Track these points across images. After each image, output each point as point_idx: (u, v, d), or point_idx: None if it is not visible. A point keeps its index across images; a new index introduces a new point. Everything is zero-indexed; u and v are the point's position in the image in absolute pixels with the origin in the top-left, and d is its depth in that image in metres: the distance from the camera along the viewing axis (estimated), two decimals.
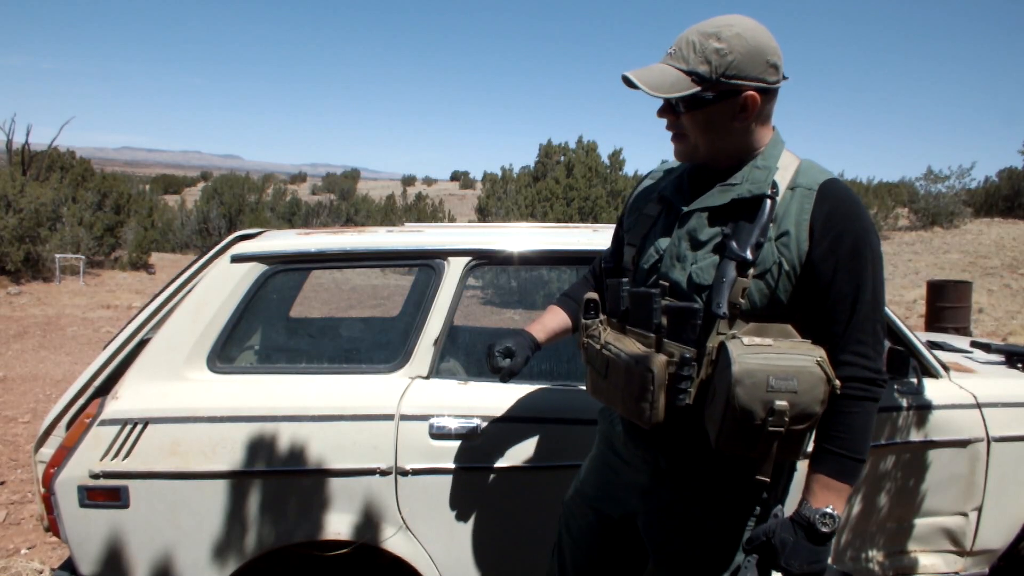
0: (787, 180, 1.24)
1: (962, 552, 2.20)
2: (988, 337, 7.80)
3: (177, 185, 57.07)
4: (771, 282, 1.20)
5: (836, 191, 1.22)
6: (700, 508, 1.32)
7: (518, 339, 1.54)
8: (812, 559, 1.18)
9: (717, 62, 1.19)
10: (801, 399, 1.11)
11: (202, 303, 1.88)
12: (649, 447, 1.36)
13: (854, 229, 1.19)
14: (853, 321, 1.20)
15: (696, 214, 1.28)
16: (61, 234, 14.08)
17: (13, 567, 2.83)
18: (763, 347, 1.14)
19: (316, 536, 1.78)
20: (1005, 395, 2.19)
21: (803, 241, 1.19)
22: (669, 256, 1.29)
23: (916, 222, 19.35)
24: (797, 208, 1.21)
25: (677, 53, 1.22)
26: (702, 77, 1.19)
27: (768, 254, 1.20)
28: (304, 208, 26.36)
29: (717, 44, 1.19)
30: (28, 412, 5.06)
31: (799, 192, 1.22)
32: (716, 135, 1.25)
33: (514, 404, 1.87)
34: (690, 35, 1.22)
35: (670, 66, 1.22)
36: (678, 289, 1.26)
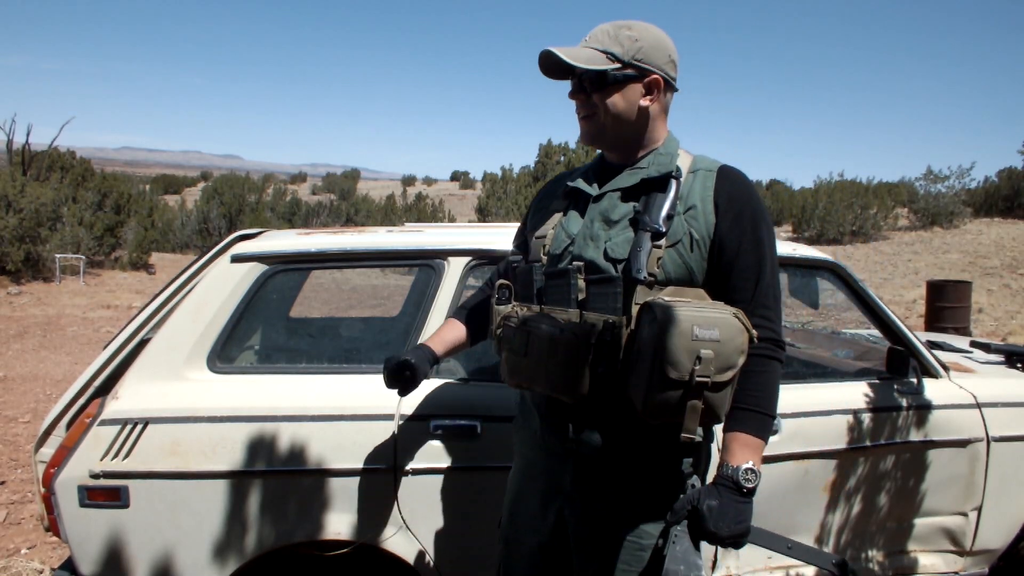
0: (687, 166, 1.36)
1: (962, 552, 2.20)
2: (988, 337, 7.80)
3: (177, 185, 57.08)
4: (683, 252, 1.28)
5: (734, 173, 1.35)
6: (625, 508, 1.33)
7: (417, 353, 1.55)
8: (739, 519, 1.23)
9: (629, 45, 1.31)
10: (724, 348, 1.16)
11: (202, 303, 1.88)
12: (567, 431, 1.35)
13: (753, 207, 1.32)
14: (758, 290, 1.30)
15: (608, 195, 1.37)
16: (61, 234, 14.08)
17: (13, 567, 2.83)
18: (685, 301, 1.21)
19: (316, 536, 1.79)
20: (1005, 395, 2.20)
21: (709, 214, 1.30)
22: (582, 237, 1.35)
23: (916, 222, 19.35)
24: (700, 186, 1.32)
25: (592, 38, 1.33)
26: (616, 56, 1.31)
27: (678, 226, 1.29)
28: (304, 208, 26.37)
29: (629, 32, 1.32)
30: (28, 412, 5.06)
31: (700, 173, 1.34)
32: (624, 115, 1.34)
33: (514, 404, 1.87)
34: (604, 26, 1.35)
35: (587, 47, 1.32)
36: (593, 266, 1.31)
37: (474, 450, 1.82)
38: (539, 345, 1.30)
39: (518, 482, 1.52)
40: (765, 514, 1.98)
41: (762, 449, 1.27)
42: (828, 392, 2.07)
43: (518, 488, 1.51)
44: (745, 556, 2.03)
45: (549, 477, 1.42)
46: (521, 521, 1.48)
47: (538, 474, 1.45)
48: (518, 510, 1.49)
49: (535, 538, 1.45)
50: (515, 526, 1.50)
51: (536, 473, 1.46)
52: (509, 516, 1.52)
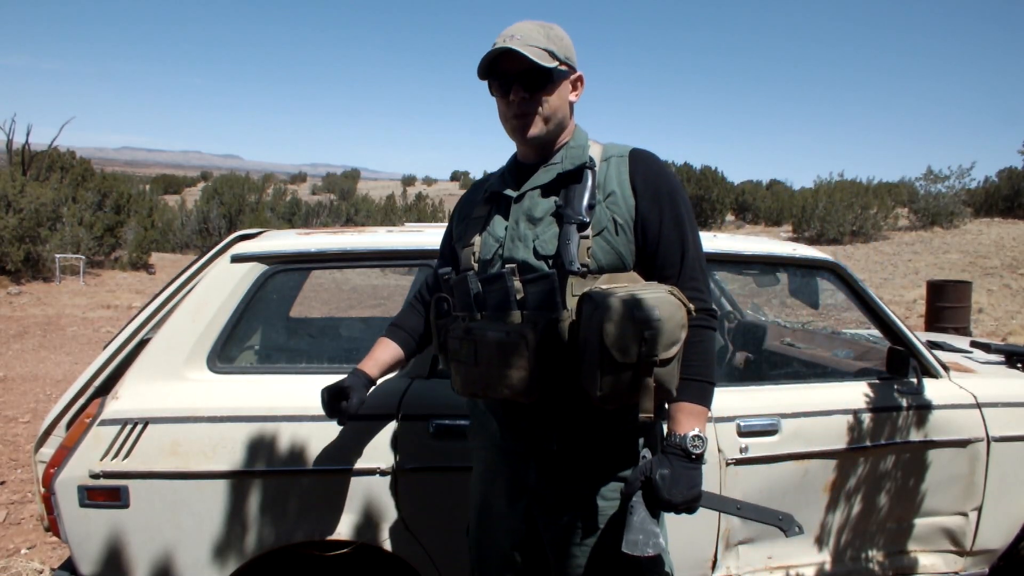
0: (599, 155, 1.40)
1: (962, 552, 2.20)
2: (988, 337, 7.80)
3: (177, 185, 57.09)
4: (610, 238, 1.31)
5: (645, 155, 1.40)
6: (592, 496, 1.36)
7: (352, 379, 1.55)
8: (691, 484, 1.25)
9: (559, 44, 1.37)
10: (666, 325, 1.18)
11: (202, 303, 1.88)
12: (532, 433, 1.37)
13: (669, 184, 1.37)
14: (685, 264, 1.34)
15: (528, 195, 1.39)
16: (61, 234, 14.08)
17: (13, 567, 2.83)
18: (620, 287, 1.24)
19: (316, 536, 1.78)
20: (1005, 395, 2.20)
21: (628, 197, 1.34)
22: (509, 239, 1.37)
23: (916, 222, 19.35)
24: (616, 172, 1.36)
25: (526, 37, 1.34)
26: (555, 55, 1.35)
27: (601, 214, 1.32)
28: (304, 208, 26.37)
29: (554, 31, 1.38)
30: (28, 412, 5.06)
31: (613, 160, 1.38)
32: (559, 112, 1.38)
33: None
34: (529, 25, 1.37)
35: (530, 45, 1.32)
36: (525, 266, 1.33)
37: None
38: (488, 352, 1.30)
39: (481, 487, 1.52)
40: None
41: (706, 416, 1.31)
42: (828, 392, 2.07)
43: (482, 493, 1.52)
44: (745, 556, 2.03)
45: (512, 478, 1.43)
46: (490, 525, 1.49)
47: (500, 477, 1.46)
48: (485, 515, 1.51)
49: (508, 539, 1.46)
50: (484, 530, 1.51)
51: (498, 476, 1.47)
52: (477, 522, 1.53)
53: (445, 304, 1.43)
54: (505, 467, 1.45)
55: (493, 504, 1.48)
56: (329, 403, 1.53)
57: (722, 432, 1.91)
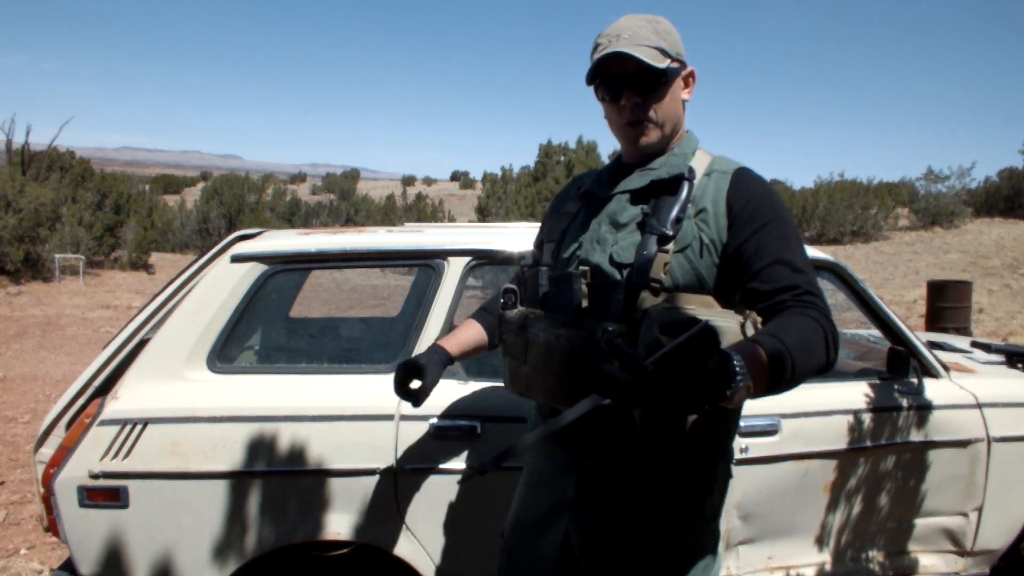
0: (704, 168, 1.29)
1: (962, 552, 2.20)
2: (988, 337, 7.80)
3: (177, 185, 57.09)
4: (692, 257, 1.21)
5: (749, 176, 1.27)
6: (629, 522, 1.26)
7: (428, 355, 1.46)
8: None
9: (669, 39, 1.26)
10: None
11: (202, 303, 1.88)
12: (570, 444, 1.30)
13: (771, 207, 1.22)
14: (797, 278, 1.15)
15: (616, 198, 1.31)
16: (61, 234, 14.08)
17: (13, 567, 2.83)
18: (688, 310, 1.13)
19: (316, 536, 1.78)
20: (1005, 395, 2.20)
21: (721, 217, 1.22)
22: (589, 241, 1.30)
23: (916, 222, 19.35)
24: (714, 188, 1.25)
25: (632, 37, 1.23)
26: (666, 52, 1.25)
27: (688, 230, 1.22)
28: (304, 208, 26.37)
29: (662, 26, 1.27)
30: (28, 412, 5.06)
31: (715, 176, 1.27)
32: (675, 113, 1.30)
33: (514, 404, 1.87)
34: (636, 21, 1.26)
35: (641, 45, 1.23)
36: (598, 271, 1.26)
37: (474, 450, 1.82)
38: (536, 352, 1.25)
39: (523, 492, 1.45)
40: (765, 514, 1.98)
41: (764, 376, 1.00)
42: (828, 392, 2.07)
43: (523, 497, 1.45)
44: (745, 556, 2.03)
45: (553, 488, 1.36)
46: (525, 531, 1.41)
47: (543, 484, 1.39)
48: (522, 520, 1.43)
49: (541, 549, 1.37)
50: (518, 536, 1.43)
51: (541, 483, 1.40)
52: (512, 526, 1.45)
53: (512, 296, 1.36)
54: (548, 476, 1.38)
55: (531, 511, 1.41)
56: (400, 383, 1.43)
57: None
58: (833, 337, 1.10)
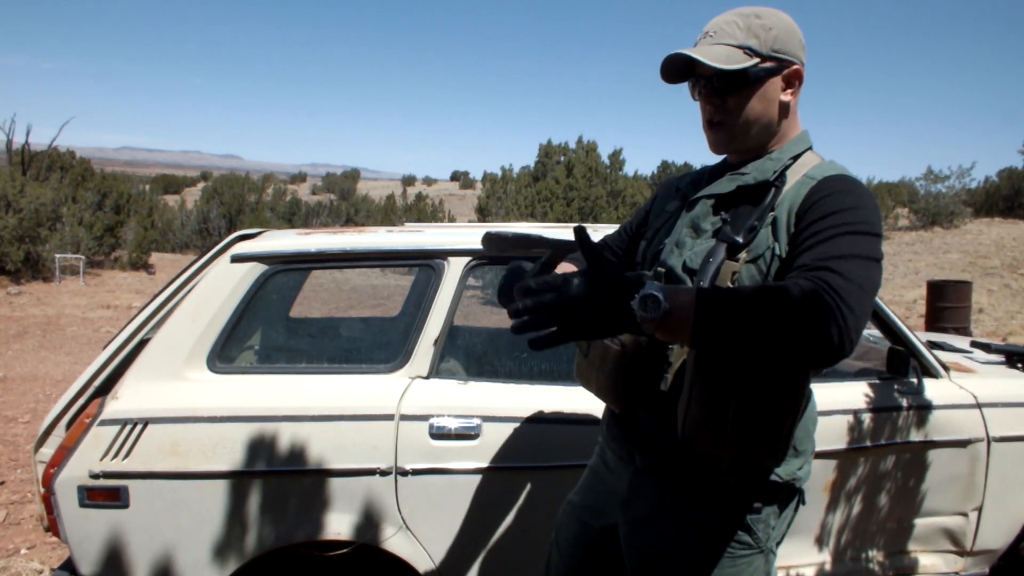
0: (802, 172, 1.19)
1: (962, 552, 2.20)
2: (988, 337, 7.80)
3: (177, 185, 57.07)
4: (763, 267, 1.14)
5: (831, 181, 1.13)
6: (676, 523, 1.24)
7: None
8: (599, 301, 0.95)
9: (764, 36, 1.17)
10: None
11: (202, 303, 1.88)
12: (625, 442, 1.33)
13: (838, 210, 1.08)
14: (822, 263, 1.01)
15: (702, 202, 1.25)
16: (61, 234, 14.07)
17: (13, 567, 2.83)
18: None
19: (316, 536, 1.78)
20: (1005, 395, 2.20)
21: (791, 225, 1.13)
22: (671, 243, 1.26)
23: (916, 222, 19.35)
24: (794, 193, 1.16)
25: (719, 33, 1.18)
26: (754, 51, 1.17)
27: (763, 240, 1.14)
28: (304, 208, 26.37)
29: (760, 20, 1.18)
30: (28, 412, 5.06)
31: (804, 180, 1.17)
32: (762, 116, 1.20)
33: (514, 404, 1.87)
34: (728, 17, 1.20)
35: (718, 44, 1.17)
36: (672, 274, 1.22)
37: (474, 450, 1.82)
38: (595, 350, 1.28)
39: (583, 480, 1.51)
40: None
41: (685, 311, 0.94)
42: (828, 392, 2.07)
43: (581, 485, 1.51)
44: None
45: (610, 486, 1.40)
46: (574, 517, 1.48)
47: (603, 475, 1.44)
48: (573, 506, 1.49)
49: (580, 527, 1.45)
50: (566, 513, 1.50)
51: (602, 473, 1.44)
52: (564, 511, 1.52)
53: None
54: (609, 467, 1.41)
55: (586, 500, 1.47)
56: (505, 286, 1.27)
57: None
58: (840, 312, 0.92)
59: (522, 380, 1.97)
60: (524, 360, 2.34)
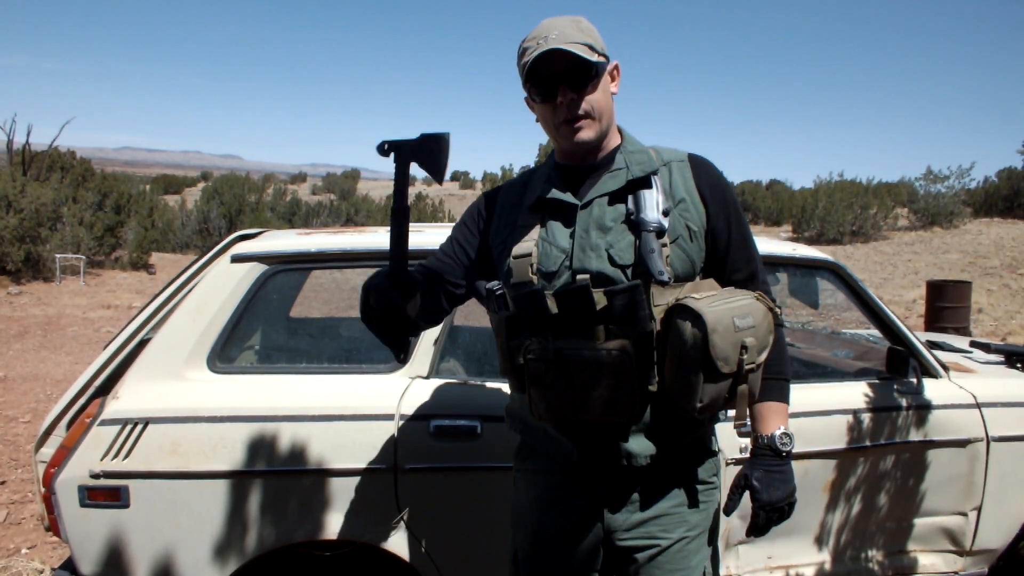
0: (656, 160, 1.34)
1: (962, 552, 2.20)
2: (987, 337, 7.80)
3: (177, 185, 57.07)
4: (684, 246, 1.27)
5: (705, 161, 1.37)
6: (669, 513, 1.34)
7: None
8: (785, 480, 1.31)
9: (593, 37, 1.29)
10: (759, 331, 1.21)
11: (202, 303, 1.88)
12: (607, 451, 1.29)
13: (731, 191, 1.37)
14: (754, 267, 1.35)
15: (596, 202, 1.30)
16: (61, 234, 14.08)
17: (13, 567, 2.83)
18: (714, 296, 1.23)
19: (316, 536, 1.79)
20: (1005, 395, 2.20)
21: (698, 204, 1.31)
22: (579, 249, 1.27)
23: (916, 222, 19.35)
24: (680, 178, 1.32)
25: (561, 36, 1.25)
26: (593, 48, 1.27)
27: (675, 222, 1.28)
28: (304, 208, 26.37)
29: (584, 25, 1.30)
30: (28, 412, 5.06)
31: (675, 166, 1.34)
32: (609, 106, 1.32)
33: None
34: (559, 23, 1.28)
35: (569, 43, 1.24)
36: (600, 277, 1.25)
37: (474, 450, 1.83)
38: (585, 372, 1.21)
39: (538, 513, 1.39)
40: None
41: (786, 412, 1.34)
42: (828, 392, 2.07)
43: (539, 519, 1.39)
44: (745, 556, 2.03)
45: (587, 498, 1.35)
46: (553, 550, 1.38)
47: (571, 499, 1.37)
48: (546, 540, 1.38)
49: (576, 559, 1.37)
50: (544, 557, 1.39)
51: (567, 498, 1.37)
52: (533, 550, 1.40)
53: (515, 324, 1.30)
54: (576, 488, 1.36)
55: (558, 528, 1.37)
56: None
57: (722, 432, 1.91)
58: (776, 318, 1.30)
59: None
60: None
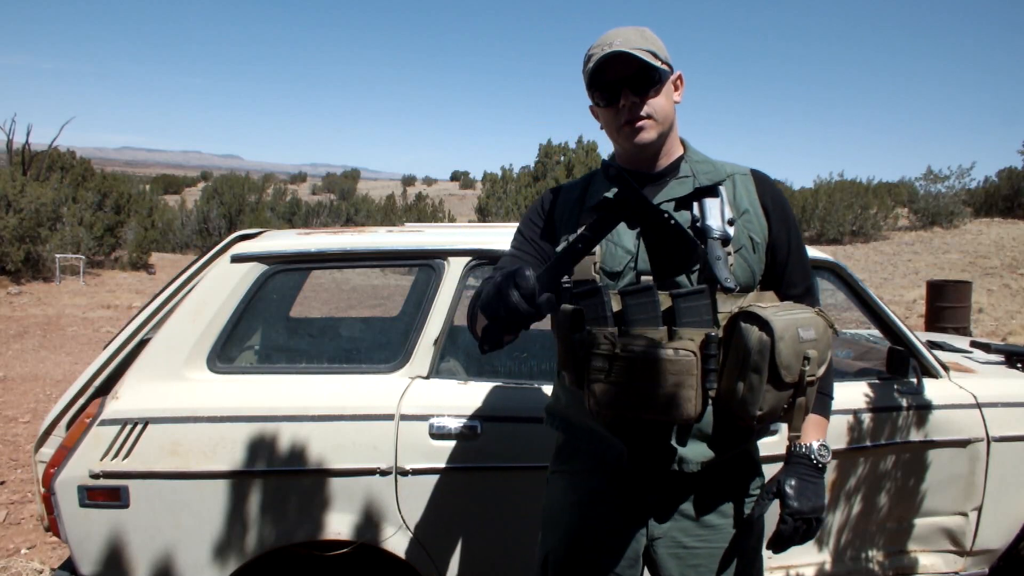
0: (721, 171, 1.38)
1: (962, 552, 2.20)
2: (988, 337, 7.80)
3: (177, 185, 57.07)
4: (747, 256, 1.31)
5: (765, 176, 1.42)
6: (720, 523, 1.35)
7: None
8: (817, 493, 1.32)
9: (657, 45, 1.32)
10: (820, 344, 1.22)
11: (202, 303, 1.88)
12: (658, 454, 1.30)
13: (789, 206, 1.41)
14: (808, 282, 1.41)
15: (662, 207, 1.31)
16: (61, 234, 14.08)
17: (13, 567, 2.83)
18: (779, 307, 1.24)
19: (316, 536, 1.79)
20: (1005, 395, 2.20)
21: (760, 217, 1.35)
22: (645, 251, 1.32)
23: (916, 222, 19.35)
24: (744, 191, 1.36)
25: (624, 43, 1.28)
26: (657, 56, 1.30)
27: (740, 232, 1.31)
28: (304, 208, 26.37)
29: (649, 34, 1.33)
30: (28, 412, 5.06)
31: (738, 178, 1.38)
32: (670, 113, 1.35)
33: (514, 404, 1.87)
34: (623, 32, 1.32)
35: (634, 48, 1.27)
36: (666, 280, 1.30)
37: (474, 450, 1.82)
38: (648, 370, 1.20)
39: (578, 515, 1.40)
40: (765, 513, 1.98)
41: (826, 427, 1.40)
42: None
43: (579, 521, 1.39)
44: None
45: (633, 501, 1.35)
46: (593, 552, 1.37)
47: (614, 501, 1.37)
48: (585, 542, 1.38)
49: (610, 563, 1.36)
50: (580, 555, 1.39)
51: (610, 500, 1.37)
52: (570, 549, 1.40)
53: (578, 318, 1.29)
54: (621, 492, 1.36)
55: (599, 533, 1.37)
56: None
57: None
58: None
59: (522, 380, 1.97)
60: (524, 360, 2.34)
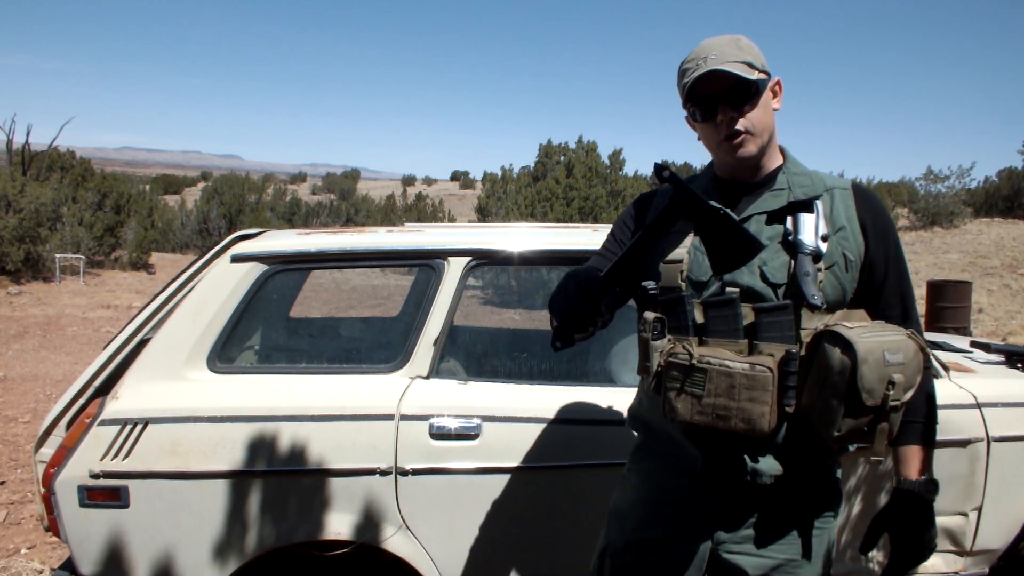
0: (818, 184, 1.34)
1: (962, 552, 2.20)
2: (988, 337, 7.80)
3: (177, 185, 57.07)
4: (839, 273, 1.27)
5: (869, 192, 1.36)
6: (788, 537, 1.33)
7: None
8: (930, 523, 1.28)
9: (753, 54, 1.28)
10: (907, 369, 1.17)
11: (202, 303, 1.88)
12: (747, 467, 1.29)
13: (892, 224, 1.35)
14: (906, 304, 1.34)
15: (754, 218, 1.31)
16: (61, 234, 14.08)
17: (13, 567, 2.83)
18: (866, 327, 1.19)
19: (316, 536, 1.79)
20: (1005, 395, 2.19)
21: (858, 234, 1.30)
22: None
23: (916, 222, 19.35)
24: (842, 206, 1.32)
25: (719, 56, 1.26)
26: (753, 66, 1.26)
27: (833, 248, 1.28)
28: (304, 208, 26.36)
29: (744, 43, 1.29)
30: (28, 412, 5.06)
31: (837, 193, 1.33)
32: (770, 123, 1.31)
33: (514, 404, 1.87)
34: (717, 43, 1.29)
35: (729, 62, 1.24)
36: (750, 292, 1.26)
37: (474, 450, 1.82)
38: (725, 382, 1.20)
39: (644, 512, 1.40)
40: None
41: (931, 457, 1.33)
42: None
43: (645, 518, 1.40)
44: None
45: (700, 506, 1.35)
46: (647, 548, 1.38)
47: (674, 501, 1.37)
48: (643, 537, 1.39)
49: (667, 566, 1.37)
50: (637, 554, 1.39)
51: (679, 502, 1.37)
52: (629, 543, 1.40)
53: (660, 325, 1.29)
54: (693, 496, 1.36)
55: (663, 532, 1.37)
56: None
57: None
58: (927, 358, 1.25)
59: (522, 380, 1.97)
60: (524, 360, 2.34)
